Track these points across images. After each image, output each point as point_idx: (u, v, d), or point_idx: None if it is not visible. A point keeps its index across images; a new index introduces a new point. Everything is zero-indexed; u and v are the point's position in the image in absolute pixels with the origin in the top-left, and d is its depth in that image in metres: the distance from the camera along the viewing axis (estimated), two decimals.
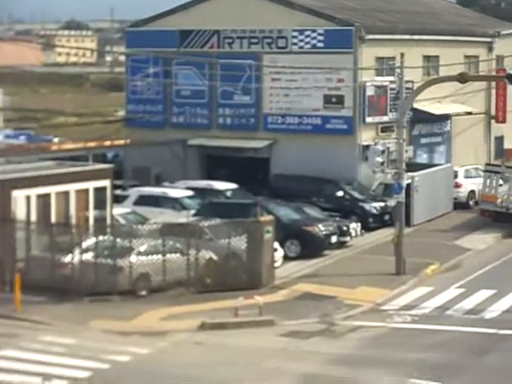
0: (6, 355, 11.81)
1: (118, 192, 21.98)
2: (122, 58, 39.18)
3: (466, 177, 27.11)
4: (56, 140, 32.63)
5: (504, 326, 14.04)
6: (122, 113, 31.99)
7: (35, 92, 56.16)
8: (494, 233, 23.85)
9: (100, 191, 19.54)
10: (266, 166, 25.06)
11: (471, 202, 26.66)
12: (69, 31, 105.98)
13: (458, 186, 26.32)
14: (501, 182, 24.51)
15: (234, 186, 23.33)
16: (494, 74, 28.94)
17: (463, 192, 26.62)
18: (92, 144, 24.55)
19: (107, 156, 26.59)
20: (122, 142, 25.63)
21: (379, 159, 19.10)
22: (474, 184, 26.58)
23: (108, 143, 25.62)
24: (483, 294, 17.34)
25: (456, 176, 26.54)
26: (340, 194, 23.31)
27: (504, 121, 29.71)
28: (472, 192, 26.50)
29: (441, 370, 11.14)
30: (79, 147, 23.61)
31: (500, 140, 31.35)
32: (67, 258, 16.69)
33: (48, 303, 16.01)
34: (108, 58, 75.26)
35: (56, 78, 63.55)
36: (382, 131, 24.08)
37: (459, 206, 26.26)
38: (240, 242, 17.14)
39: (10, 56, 62.72)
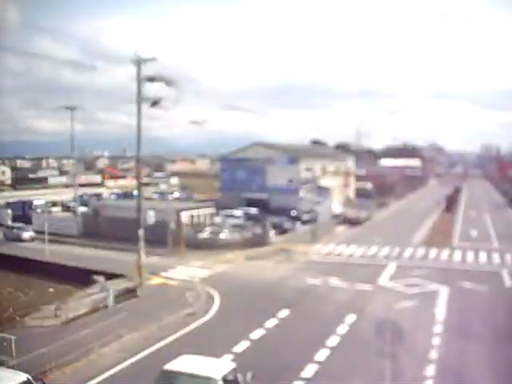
0: (180, 268, 34.98)
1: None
2: None
3: (337, 206, 66.71)
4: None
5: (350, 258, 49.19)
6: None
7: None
8: (344, 226, 58.50)
9: (210, 213, 56.08)
10: (267, 203, 61.81)
11: (338, 216, 65.48)
12: None
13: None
14: None
15: (255, 210, 59.81)
16: (345, 171, 69.66)
17: (335, 212, 65.83)
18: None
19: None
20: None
21: (306, 200, 58.35)
22: (339, 208, 65.78)
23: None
24: (345, 248, 44.36)
25: (332, 207, 66.47)
26: (293, 212, 61.27)
27: (348, 187, 70.71)
28: (338, 212, 65.43)
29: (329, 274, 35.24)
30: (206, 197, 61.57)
31: (347, 195, 72.44)
32: (200, 235, 48.56)
33: (192, 251, 40.83)
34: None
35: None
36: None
37: (333, 217, 64.90)
38: (259, 229, 50.38)
39: None
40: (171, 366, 13.44)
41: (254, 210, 56.72)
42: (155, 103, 28.09)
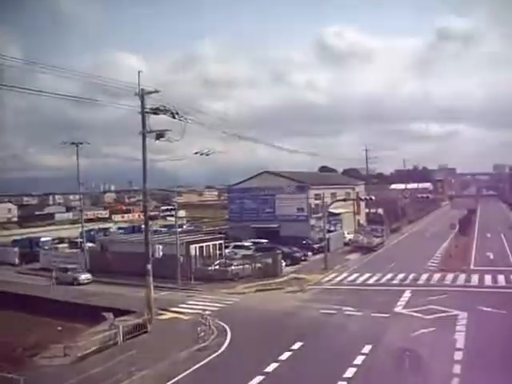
0: (190, 302, 34.06)
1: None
2: None
3: (348, 233, 65.71)
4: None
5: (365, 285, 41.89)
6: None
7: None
8: (356, 253, 57.14)
9: (220, 244, 55.42)
10: (277, 233, 60.54)
11: (349, 243, 63.13)
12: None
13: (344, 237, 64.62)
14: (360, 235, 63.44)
15: (266, 240, 58.28)
16: (354, 198, 69.11)
17: (346, 239, 64.66)
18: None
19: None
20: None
21: (317, 229, 57.66)
22: (350, 235, 64.97)
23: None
24: (359, 275, 44.57)
25: (343, 234, 65.30)
26: (304, 241, 60.58)
27: (359, 213, 70.05)
28: (350, 239, 64.26)
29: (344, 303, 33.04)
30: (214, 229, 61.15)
31: (358, 221, 71.54)
32: (209, 267, 46.46)
33: (202, 284, 40.63)
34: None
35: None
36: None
37: (345, 244, 62.37)
38: (270, 260, 46.04)
39: None
40: None
41: (264, 241, 55.92)
42: (160, 136, 27.85)
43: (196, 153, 32.26)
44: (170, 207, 47.45)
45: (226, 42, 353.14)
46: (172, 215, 46.84)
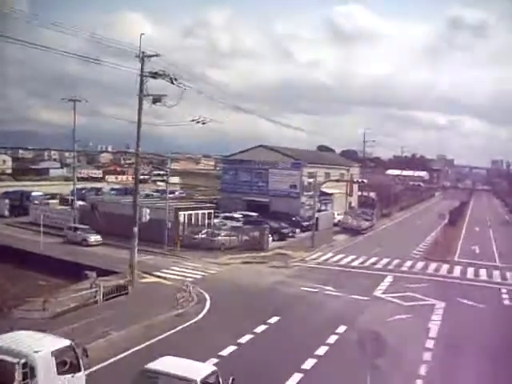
0: (174, 268, 34.60)
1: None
2: None
3: (338, 214, 66.19)
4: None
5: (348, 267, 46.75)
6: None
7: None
8: (344, 234, 57.29)
9: (209, 213, 55.55)
10: (268, 207, 61.05)
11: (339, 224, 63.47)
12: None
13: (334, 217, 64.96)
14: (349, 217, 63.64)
15: (256, 214, 58.50)
16: (347, 180, 69.24)
17: (336, 220, 64.68)
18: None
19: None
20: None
21: (307, 207, 57.83)
22: (341, 216, 65.23)
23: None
24: (343, 256, 44.70)
25: (333, 215, 65.54)
26: (294, 218, 60.70)
27: (351, 195, 70.13)
28: (339, 220, 64.56)
29: (325, 282, 33.47)
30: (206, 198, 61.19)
31: (350, 203, 71.69)
32: (197, 235, 46.28)
33: (188, 251, 43.32)
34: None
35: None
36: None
37: (334, 225, 62.35)
38: (257, 234, 45.70)
39: None
40: (151, 365, 13.06)
41: (253, 214, 56.20)
42: (157, 100, 27.69)
43: (192, 120, 32.02)
44: (161, 172, 47.25)
45: (235, 12, 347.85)
46: (163, 180, 46.75)
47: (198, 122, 31.67)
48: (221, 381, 13.37)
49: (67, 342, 13.74)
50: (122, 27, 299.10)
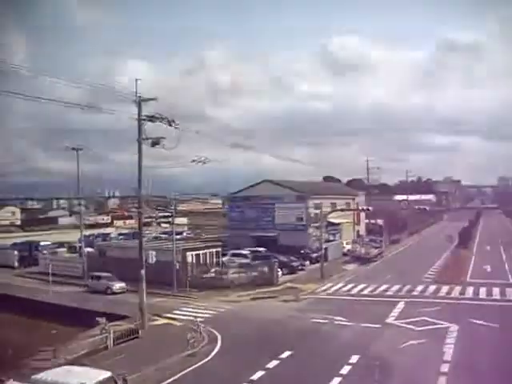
0: (184, 309, 34.39)
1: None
2: None
3: (347, 243, 65.93)
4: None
5: (359, 296, 46.46)
6: None
7: None
8: (354, 263, 56.51)
9: (217, 252, 55.35)
10: (276, 242, 60.69)
11: (347, 253, 62.60)
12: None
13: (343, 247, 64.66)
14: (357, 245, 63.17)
15: (264, 249, 57.57)
16: (353, 208, 68.84)
17: (345, 250, 63.98)
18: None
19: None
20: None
21: (314, 238, 57.70)
22: (349, 245, 65.12)
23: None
24: (354, 286, 43.70)
25: (342, 244, 65.03)
26: (302, 251, 60.35)
27: (359, 224, 69.99)
28: (348, 250, 64.28)
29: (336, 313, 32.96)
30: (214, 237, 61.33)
31: (358, 232, 71.37)
32: (205, 275, 46.22)
33: (197, 291, 40.37)
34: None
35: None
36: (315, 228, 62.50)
37: (344, 254, 61.96)
38: (266, 269, 45.61)
39: None
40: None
41: (261, 249, 55.95)
42: (155, 143, 28.18)
43: (193, 161, 32.49)
44: (166, 214, 47.57)
45: (232, 49, 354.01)
46: (168, 222, 47.01)
47: (198, 162, 32.08)
48: None
49: (108, 374, 15.30)
50: (121, 69, 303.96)
